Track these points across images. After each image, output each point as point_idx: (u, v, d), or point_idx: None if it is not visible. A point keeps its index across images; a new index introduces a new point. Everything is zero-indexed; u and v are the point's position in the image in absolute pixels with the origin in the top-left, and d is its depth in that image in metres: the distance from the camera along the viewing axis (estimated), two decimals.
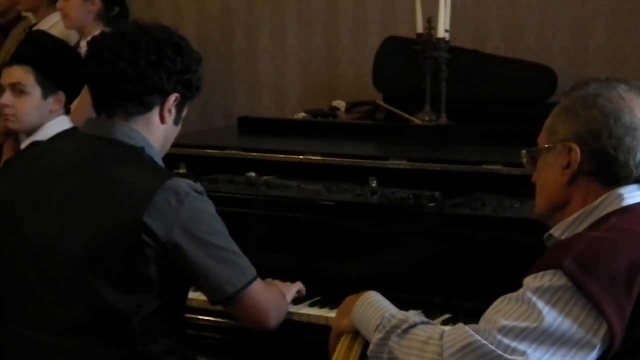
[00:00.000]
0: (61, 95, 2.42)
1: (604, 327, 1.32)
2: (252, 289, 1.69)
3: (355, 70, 3.37)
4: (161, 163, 1.74)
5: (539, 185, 1.56)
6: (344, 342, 1.56)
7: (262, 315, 1.73)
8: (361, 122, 2.83)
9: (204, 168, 2.35)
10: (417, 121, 2.64)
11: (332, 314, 1.75)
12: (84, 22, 3.16)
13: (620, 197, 1.45)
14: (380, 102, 2.89)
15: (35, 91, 2.40)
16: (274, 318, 1.76)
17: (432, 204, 2.00)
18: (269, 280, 1.90)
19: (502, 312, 1.37)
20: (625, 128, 1.43)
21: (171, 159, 1.84)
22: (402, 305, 1.60)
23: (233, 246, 1.69)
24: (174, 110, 1.73)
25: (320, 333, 1.73)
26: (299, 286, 1.98)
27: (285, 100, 3.57)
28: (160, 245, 1.60)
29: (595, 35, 3.03)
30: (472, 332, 1.36)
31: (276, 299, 1.79)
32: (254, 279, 1.70)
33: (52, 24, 3.43)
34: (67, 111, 2.49)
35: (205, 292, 1.71)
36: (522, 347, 1.33)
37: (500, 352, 1.33)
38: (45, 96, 2.40)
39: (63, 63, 2.42)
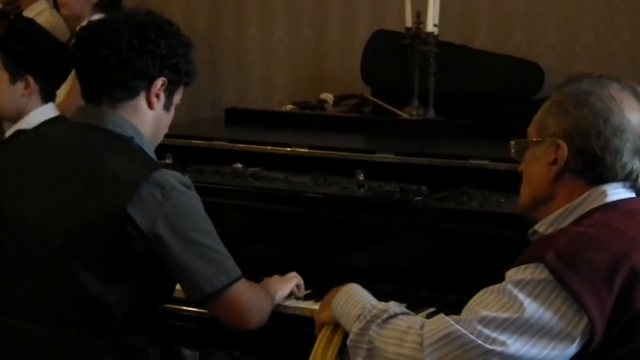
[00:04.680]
0: (30, 80, 2.35)
1: (584, 320, 1.33)
2: (233, 290, 1.64)
3: (343, 63, 3.37)
4: (152, 153, 1.72)
5: (525, 176, 1.56)
6: (324, 334, 1.57)
7: (241, 315, 1.68)
8: (349, 115, 2.83)
9: (190, 158, 2.33)
10: (404, 115, 2.65)
11: (317, 307, 1.75)
12: (81, 11, 3.14)
13: (604, 194, 1.46)
14: (368, 96, 2.89)
15: (3, 76, 2.33)
16: (255, 319, 1.70)
17: (419, 198, 2.00)
18: (267, 278, 1.87)
19: (483, 304, 1.38)
20: (613, 129, 1.43)
21: (157, 149, 1.82)
22: (387, 298, 1.60)
23: (217, 245, 1.65)
24: (162, 95, 1.70)
25: (306, 325, 1.73)
26: (296, 280, 1.93)
27: (272, 92, 3.57)
28: (143, 237, 1.58)
29: (582, 32, 3.05)
30: (452, 322, 1.37)
31: (259, 300, 1.73)
32: (236, 280, 1.65)
33: (38, 12, 3.40)
34: (50, 98, 2.44)
35: (184, 289, 1.66)
36: (502, 337, 1.33)
37: (479, 342, 1.33)
38: (12, 81, 2.34)
39: (33, 47, 2.36)
